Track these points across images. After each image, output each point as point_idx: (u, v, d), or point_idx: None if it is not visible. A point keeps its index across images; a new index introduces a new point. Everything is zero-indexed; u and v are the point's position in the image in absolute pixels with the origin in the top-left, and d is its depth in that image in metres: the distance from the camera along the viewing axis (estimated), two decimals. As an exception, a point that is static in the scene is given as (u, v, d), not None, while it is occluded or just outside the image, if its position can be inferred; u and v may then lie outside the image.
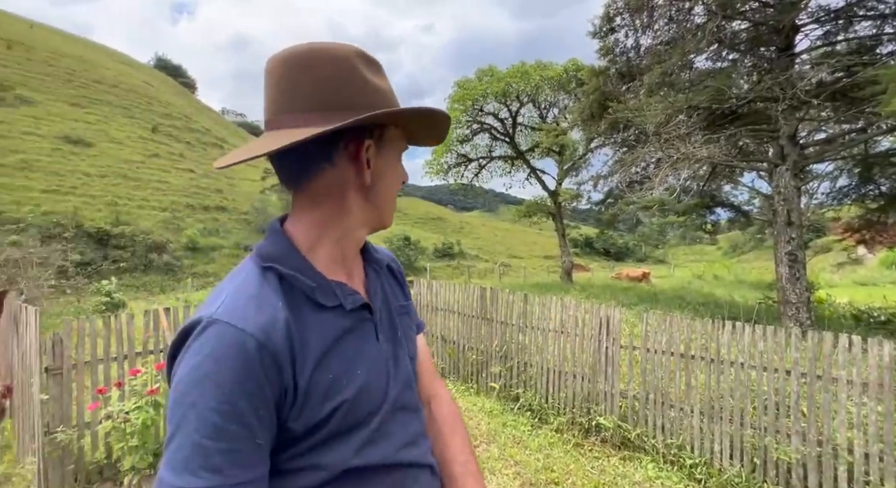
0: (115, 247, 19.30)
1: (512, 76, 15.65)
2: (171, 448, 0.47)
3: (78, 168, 25.14)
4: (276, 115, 0.59)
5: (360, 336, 0.62)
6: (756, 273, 21.79)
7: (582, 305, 3.93)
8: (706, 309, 9.09)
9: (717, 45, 8.58)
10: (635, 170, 10.36)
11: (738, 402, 3.04)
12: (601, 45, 10.55)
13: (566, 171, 16.39)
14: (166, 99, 45.99)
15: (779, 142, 7.80)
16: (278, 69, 0.58)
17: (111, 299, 8.65)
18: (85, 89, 36.40)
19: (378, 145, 0.62)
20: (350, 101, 0.58)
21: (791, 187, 7.61)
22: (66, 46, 44.22)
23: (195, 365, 0.48)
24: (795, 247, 7.58)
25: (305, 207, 0.63)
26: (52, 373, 2.59)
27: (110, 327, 2.88)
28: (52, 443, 2.52)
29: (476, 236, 48.94)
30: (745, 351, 3.05)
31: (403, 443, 0.65)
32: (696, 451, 3.16)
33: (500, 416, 4.00)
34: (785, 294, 7.59)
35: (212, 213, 27.94)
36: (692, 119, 8.33)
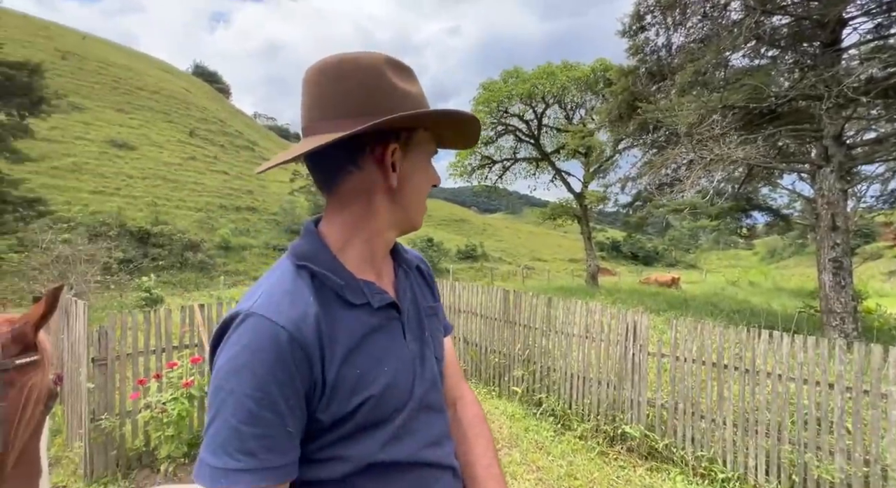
0: (154, 246, 20.32)
1: (538, 77, 15.49)
2: (210, 431, 0.51)
3: (122, 170, 26.66)
4: (312, 121, 0.62)
5: (387, 334, 0.64)
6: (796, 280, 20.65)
7: (608, 310, 3.84)
8: (741, 317, 8.69)
9: (755, 41, 8.20)
10: (665, 172, 10.04)
11: (775, 416, 2.89)
12: (630, 44, 10.31)
13: (593, 173, 16.06)
14: (202, 104, 48.13)
15: (823, 143, 7.39)
16: (313, 79, 0.62)
17: (150, 295, 9.11)
18: (129, 96, 38.60)
19: (405, 148, 0.64)
20: (377, 107, 0.59)
21: (836, 190, 7.19)
22: (113, 56, 47.02)
23: (234, 354, 0.52)
24: (840, 254, 7.15)
25: (336, 209, 0.65)
26: (98, 364, 2.76)
27: (150, 322, 3.04)
28: (96, 430, 2.68)
29: (499, 238, 48.63)
30: (784, 362, 2.90)
31: (427, 443, 0.66)
32: (729, 465, 3.03)
33: (522, 421, 3.95)
34: (828, 303, 7.16)
35: (243, 214, 28.99)
36: (727, 119, 7.99)
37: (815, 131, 7.50)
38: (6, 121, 12.16)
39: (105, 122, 31.69)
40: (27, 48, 32.42)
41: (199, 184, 29.82)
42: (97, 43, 53.04)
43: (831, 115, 6.90)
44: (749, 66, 8.53)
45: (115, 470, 2.83)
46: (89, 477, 2.73)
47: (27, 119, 12.70)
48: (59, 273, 9.02)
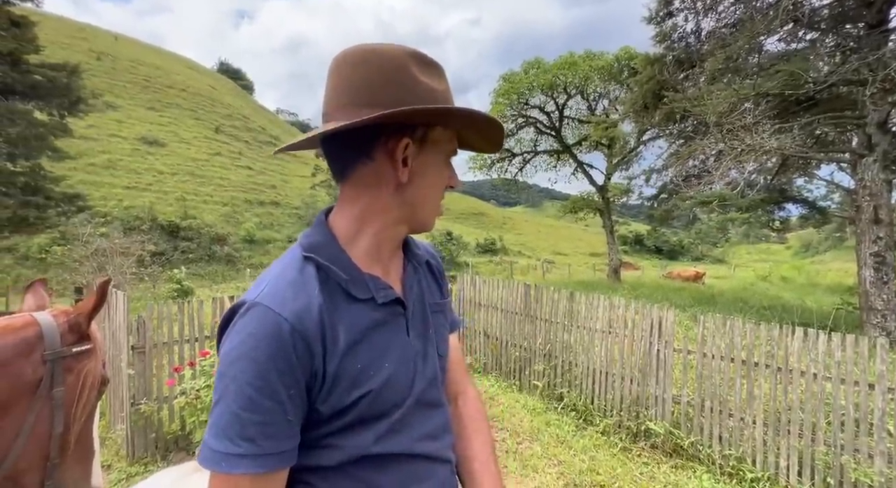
0: (183, 239, 21.11)
1: (559, 68, 15.15)
2: (213, 415, 0.53)
3: (153, 166, 27.70)
4: (330, 108, 0.62)
5: (390, 329, 0.64)
6: (833, 275, 19.70)
7: (632, 305, 3.77)
8: (772, 313, 8.37)
9: (792, 24, 7.79)
10: (693, 163, 9.72)
11: (809, 416, 2.79)
12: (657, 31, 9.96)
13: (616, 165, 15.68)
14: (227, 101, 49.35)
15: (866, 131, 6.98)
16: (336, 67, 0.62)
17: (181, 287, 9.50)
18: (159, 94, 39.94)
19: (420, 144, 0.62)
20: (395, 99, 0.58)
21: (879, 180, 6.80)
22: (143, 55, 48.66)
23: (237, 343, 0.53)
24: (883, 248, 6.78)
25: (347, 199, 0.65)
26: (137, 351, 2.91)
27: (184, 312, 3.17)
28: (136, 413, 2.83)
29: (519, 232, 48.22)
30: (819, 360, 2.79)
31: (423, 436, 0.66)
32: (759, 465, 2.95)
33: (543, 415, 3.95)
34: (869, 299, 6.82)
35: (267, 208, 29.70)
36: (760, 107, 7.64)
37: (857, 118, 7.10)
38: (48, 121, 12.79)
39: (137, 120, 32.93)
40: (65, 50, 33.92)
41: (224, 179, 30.69)
42: (128, 43, 54.98)
43: (876, 100, 6.50)
44: (785, 51, 8.11)
45: (155, 451, 2.99)
46: (131, 458, 2.90)
47: (66, 118, 13.33)
48: (97, 265, 9.51)
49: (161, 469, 2.81)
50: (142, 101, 37.18)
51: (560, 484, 2.94)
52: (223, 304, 3.49)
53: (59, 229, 13.40)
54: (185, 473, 1.00)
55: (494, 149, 0.72)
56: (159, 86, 41.35)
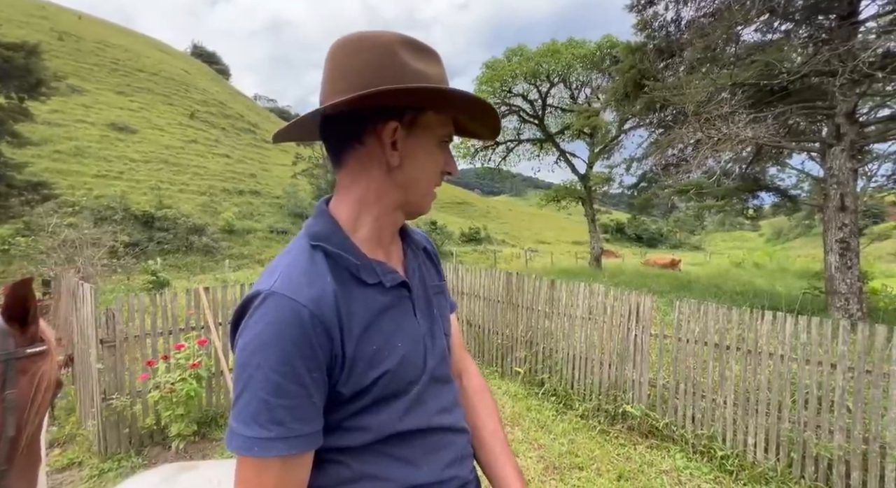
0: (159, 230, 20.42)
1: (542, 55, 15.08)
2: (239, 404, 0.53)
3: (124, 154, 26.56)
4: (325, 95, 0.63)
5: (399, 312, 0.67)
6: (802, 261, 20.53)
7: (611, 292, 3.85)
8: (743, 298, 8.69)
9: (768, 15, 7.90)
10: (672, 152, 9.87)
11: (775, 395, 2.92)
12: (638, 20, 9.97)
13: (597, 154, 15.82)
14: (202, 86, 47.48)
15: (835, 121, 7.20)
16: (332, 55, 0.63)
17: (156, 278, 9.22)
18: (129, 78, 38.09)
19: (410, 128, 0.63)
20: (382, 83, 0.59)
21: (846, 169, 7.05)
22: (111, 37, 46.19)
23: (259, 332, 0.54)
24: (848, 234, 7.07)
25: (345, 186, 0.67)
26: (107, 345, 2.81)
27: (157, 304, 3.07)
28: (108, 409, 2.75)
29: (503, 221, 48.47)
30: (786, 342, 2.90)
31: (439, 410, 0.70)
32: (728, 443, 3.08)
33: (524, 400, 4.02)
34: (834, 284, 7.13)
35: (246, 197, 28.96)
36: (736, 97, 7.79)
37: (827, 109, 7.31)
38: (5, 104, 12.05)
39: (105, 105, 31.40)
40: (23, 28, 31.87)
41: (201, 167, 29.70)
42: (94, 23, 52.04)
43: (845, 91, 6.69)
44: (761, 41, 8.25)
45: (129, 446, 2.92)
46: (104, 454, 2.82)
47: (26, 102, 12.58)
48: (66, 257, 9.13)
49: (137, 470, 2.75)
50: (110, 84, 35.40)
51: (540, 467, 3.01)
52: (198, 296, 3.40)
53: (23, 219, 12.76)
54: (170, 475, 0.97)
55: (492, 136, 0.73)
56: (129, 69, 39.40)
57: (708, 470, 2.95)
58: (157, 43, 61.56)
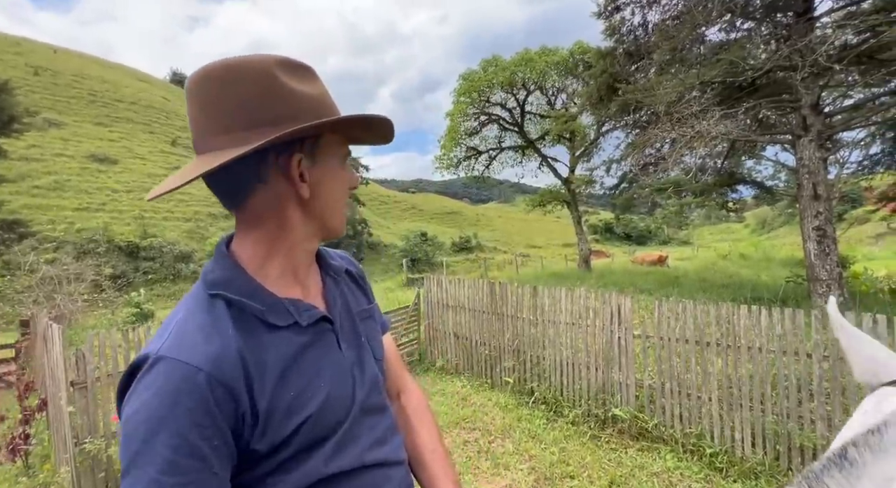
0: (144, 259, 20.11)
1: (517, 64, 15.35)
2: (126, 483, 0.47)
3: (106, 185, 26.25)
4: (201, 137, 0.58)
5: (320, 348, 0.62)
6: (786, 250, 20.89)
7: (592, 295, 3.86)
8: (728, 291, 8.78)
9: (729, 14, 8.17)
10: (649, 151, 10.04)
11: (757, 388, 2.94)
12: (607, 25, 10.22)
13: (578, 158, 16.04)
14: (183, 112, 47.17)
15: (801, 113, 7.41)
16: (196, 89, 0.57)
17: (140, 310, 9.03)
18: (107, 108, 37.87)
19: (312, 156, 0.60)
20: (274, 115, 0.56)
21: (816, 159, 7.23)
22: (87, 68, 46.00)
23: (144, 402, 0.48)
24: (824, 222, 7.21)
25: (248, 227, 0.62)
26: (78, 387, 2.73)
27: (129, 340, 3.00)
28: (82, 453, 2.66)
29: (493, 228, 48.66)
30: (763, 335, 2.93)
31: (372, 443, 0.66)
32: (717, 440, 3.08)
33: (514, 410, 3.98)
34: (814, 271, 7.25)
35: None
36: (706, 95, 7.98)
37: (793, 102, 7.52)
38: (-24, 143, 11.88)
39: (84, 137, 31.11)
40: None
41: (185, 193, 29.42)
42: (69, 56, 51.82)
43: (807, 84, 6.90)
44: (725, 41, 8.50)
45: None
46: (80, 500, 2.72)
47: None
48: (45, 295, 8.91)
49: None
50: (88, 116, 35.16)
51: (531, 479, 2.97)
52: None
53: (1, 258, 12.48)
54: None
55: (386, 142, 0.71)
56: (107, 100, 39.21)
57: (698, 470, 2.94)
58: (136, 72, 61.46)
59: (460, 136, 16.79)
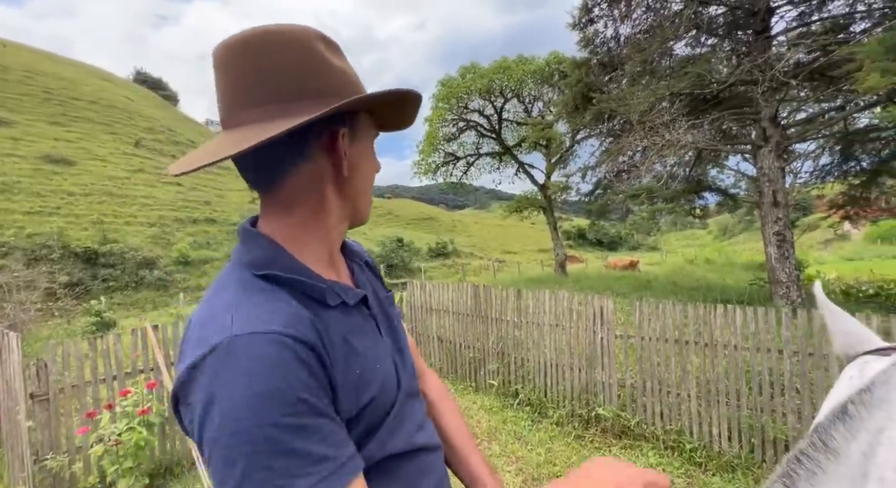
0: (103, 266, 18.98)
1: (495, 72, 15.62)
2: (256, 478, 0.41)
3: (61, 187, 24.72)
4: (234, 110, 0.53)
5: (367, 331, 0.61)
6: (747, 254, 22.04)
7: (575, 297, 3.93)
8: (698, 293, 9.17)
9: (695, 30, 8.63)
10: (622, 159, 10.40)
11: (733, 384, 3.06)
12: (581, 37, 10.58)
13: (554, 164, 16.42)
14: (148, 113, 45.38)
15: (761, 125, 7.88)
16: (230, 58, 0.52)
17: (101, 319, 8.50)
18: (64, 107, 35.79)
19: (353, 132, 0.58)
20: (316, 88, 0.53)
21: (775, 168, 7.69)
22: (41, 64, 43.41)
23: (242, 387, 0.42)
24: (783, 227, 7.67)
25: (281, 210, 0.57)
26: (38, 399, 2.53)
27: (96, 348, 2.82)
28: (42, 471, 2.46)
29: (469, 234, 48.94)
30: (738, 333, 3.07)
31: (415, 427, 0.65)
32: (695, 436, 3.18)
33: (499, 413, 3.99)
34: (775, 274, 7.67)
35: (201, 226, 27.63)
36: (675, 106, 8.37)
37: (753, 114, 7.99)
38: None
39: (37, 137, 29.24)
40: (-62, 59, 29.32)
41: (150, 197, 28.12)
42: (21, 51, 48.76)
43: (766, 98, 7.36)
44: (691, 55, 8.96)
45: (68, 511, 2.61)
46: (38, 523, 2.51)
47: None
48: (-7, 303, 8.25)
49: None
50: (42, 115, 33.09)
51: (518, 480, 2.97)
52: (146, 335, 3.15)
53: (-59, 266, 11.49)
54: None
55: (406, 126, 0.69)
56: (64, 98, 37.05)
57: (679, 465, 3.03)
58: (96, 70, 58.48)
59: (439, 142, 16.88)
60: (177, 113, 64.50)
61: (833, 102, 8.19)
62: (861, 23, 7.48)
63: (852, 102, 7.74)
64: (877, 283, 8.70)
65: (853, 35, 7.20)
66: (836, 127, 8.33)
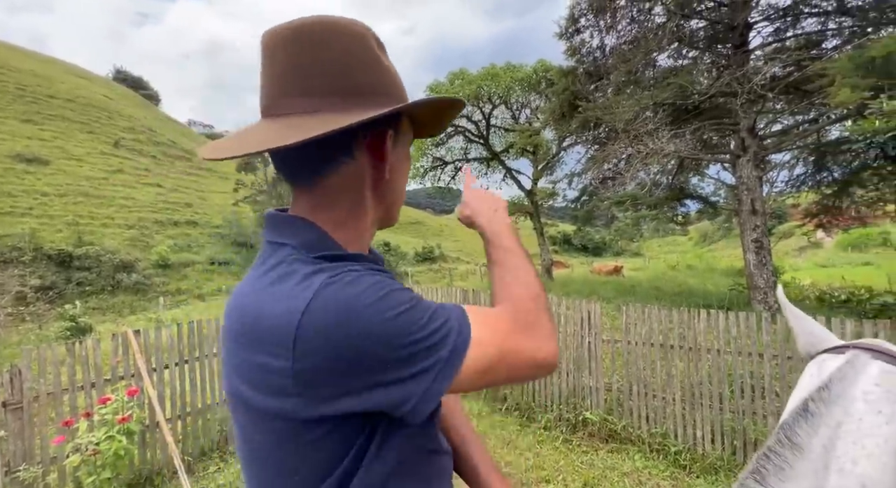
0: (78, 269, 18.34)
1: (483, 79, 15.77)
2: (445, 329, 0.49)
3: (34, 187, 23.87)
4: (282, 97, 0.51)
5: None
6: (726, 261, 22.67)
7: (563, 302, 3.98)
8: (681, 298, 9.37)
9: (677, 43, 8.90)
10: (607, 166, 10.60)
11: (716, 388, 3.14)
12: (568, 46, 10.78)
13: (541, 171, 16.62)
14: (128, 112, 44.27)
15: (739, 135, 8.15)
16: (286, 45, 0.51)
17: (76, 324, 8.20)
18: (38, 105, 34.63)
19: (396, 136, 0.58)
20: (369, 85, 0.53)
21: (753, 177, 7.95)
22: (14, 60, 41.97)
23: (367, 293, 0.46)
24: (760, 235, 7.92)
25: (320, 206, 0.56)
26: (11, 408, 2.43)
27: (74, 354, 2.72)
28: (13, 483, 2.36)
29: (456, 238, 49.05)
30: (720, 337, 3.15)
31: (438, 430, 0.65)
32: (680, 439, 3.24)
33: (488, 418, 3.99)
34: (753, 280, 7.90)
35: (182, 228, 27.00)
36: (658, 115, 8.60)
37: (733, 124, 8.26)
38: None
39: (8, 135, 28.20)
40: None
41: (129, 199, 27.37)
42: (-6, 45, 47.12)
43: (745, 109, 7.63)
44: (674, 66, 9.23)
45: (41, 525, 2.50)
46: (8, 539, 2.40)
47: None
48: (-41, 308, 7.87)
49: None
50: (14, 112, 31.95)
51: (508, 485, 2.97)
52: (127, 340, 3.06)
53: None
54: None
55: (438, 133, 0.71)
56: (38, 95, 35.85)
57: (664, 467, 3.08)
58: (73, 67, 56.84)
59: (427, 146, 16.91)
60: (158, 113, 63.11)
61: (807, 115, 8.53)
62: (832, 40, 7.84)
63: (825, 115, 8.08)
64: (848, 290, 9.04)
65: (825, 51, 7.54)
66: (809, 139, 8.68)
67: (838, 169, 9.03)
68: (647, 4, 8.87)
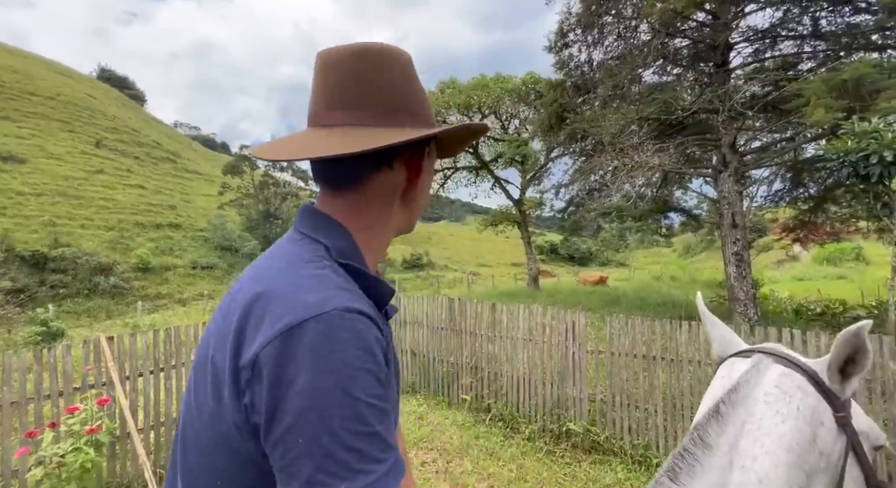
0: (53, 271, 17.76)
1: (473, 89, 15.96)
2: (341, 447, 0.42)
3: (9, 186, 23.12)
4: (331, 109, 0.57)
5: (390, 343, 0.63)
6: (708, 272, 23.13)
7: (548, 312, 4.00)
8: (664, 309, 9.51)
9: (662, 60, 9.17)
10: (594, 178, 10.78)
11: (697, 399, 3.17)
12: (557, 59, 10.99)
13: (529, 181, 16.81)
14: (112, 112, 43.40)
15: (721, 151, 8.38)
16: (350, 63, 0.57)
17: (48, 328, 7.90)
18: (16, 102, 33.72)
19: (429, 153, 0.64)
20: (413, 107, 0.60)
21: (734, 192, 8.17)
22: (-6, 55, 40.91)
23: (338, 361, 0.44)
24: (741, 248, 8.11)
25: (355, 209, 0.60)
26: (-29, 418, 2.31)
27: (42, 361, 2.61)
28: (-30, 498, 2.23)
29: (444, 246, 49.07)
30: (702, 349, 3.19)
31: None
32: (661, 450, 3.26)
33: (472, 429, 3.95)
34: (734, 292, 8.08)
35: (164, 231, 26.42)
36: (643, 129, 8.80)
37: (714, 140, 8.51)
38: None
39: (-15, 131, 27.36)
40: None
41: (109, 200, 26.71)
42: (-27, 40, 45.83)
43: (726, 126, 7.87)
44: (658, 82, 9.49)
45: (-2, 543, 2.37)
46: (-39, 558, 2.26)
47: None
48: (-78, 310, 7.49)
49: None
50: (-7, 108, 31.06)
51: (490, 498, 2.94)
52: (98, 346, 2.95)
53: None
54: None
55: (453, 155, 0.77)
56: (17, 92, 34.93)
57: (646, 480, 3.08)
58: (55, 64, 55.60)
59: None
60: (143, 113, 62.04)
61: (784, 133, 8.83)
62: (808, 62, 8.18)
63: (801, 134, 8.37)
64: (823, 303, 9.31)
65: (801, 73, 7.85)
66: (787, 156, 8.99)
67: (814, 186, 9.35)
68: (632, 22, 9.12)
